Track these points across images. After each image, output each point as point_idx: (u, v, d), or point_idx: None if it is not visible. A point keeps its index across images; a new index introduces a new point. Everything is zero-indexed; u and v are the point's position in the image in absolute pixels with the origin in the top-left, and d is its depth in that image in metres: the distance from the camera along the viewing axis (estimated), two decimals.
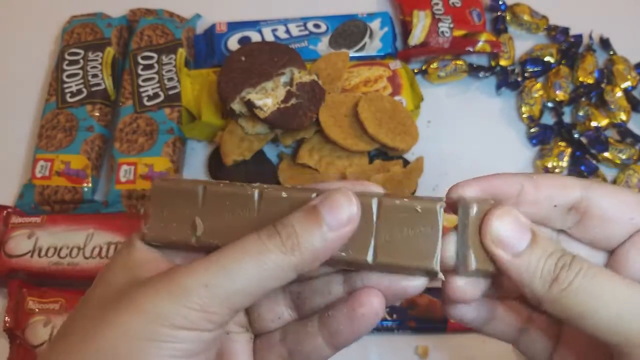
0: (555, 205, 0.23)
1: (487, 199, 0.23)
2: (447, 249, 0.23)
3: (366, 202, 0.23)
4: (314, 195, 0.23)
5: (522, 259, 0.22)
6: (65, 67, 0.59)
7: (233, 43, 0.62)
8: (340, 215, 0.21)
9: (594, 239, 0.24)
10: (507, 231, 0.22)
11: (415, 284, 0.23)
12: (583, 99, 0.61)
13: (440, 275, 0.23)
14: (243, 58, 0.53)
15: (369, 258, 0.23)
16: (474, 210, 0.23)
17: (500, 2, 0.67)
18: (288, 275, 0.21)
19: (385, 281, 0.24)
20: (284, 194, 0.23)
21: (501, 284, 0.25)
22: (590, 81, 0.62)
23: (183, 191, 0.24)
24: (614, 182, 0.57)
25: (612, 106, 0.60)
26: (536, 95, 0.61)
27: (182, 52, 0.60)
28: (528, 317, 0.26)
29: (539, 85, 0.62)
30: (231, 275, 0.21)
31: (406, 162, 0.55)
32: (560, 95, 0.61)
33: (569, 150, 0.58)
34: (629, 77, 0.62)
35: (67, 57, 0.60)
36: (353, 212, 0.22)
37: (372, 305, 0.24)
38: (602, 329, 0.21)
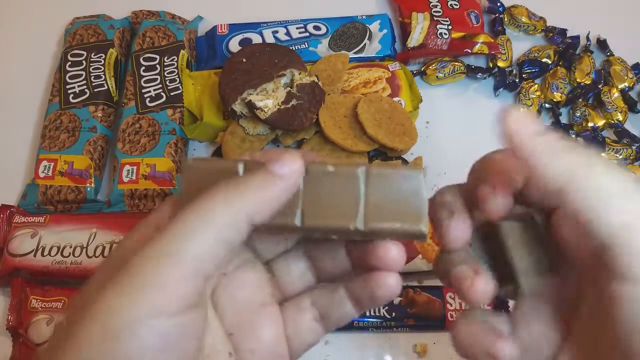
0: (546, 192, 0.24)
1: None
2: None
3: (352, 170, 0.24)
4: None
5: (542, 139, 0.21)
6: (68, 68, 0.60)
7: (234, 45, 0.63)
8: (283, 166, 0.22)
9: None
10: (522, 114, 0.22)
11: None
12: (580, 100, 0.62)
13: (426, 239, 0.24)
14: (244, 59, 0.54)
15: (359, 225, 0.23)
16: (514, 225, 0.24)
17: (498, 4, 0.68)
18: (244, 224, 0.21)
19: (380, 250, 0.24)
20: (330, 168, 0.24)
21: None
22: (588, 82, 0.62)
23: (222, 170, 0.24)
24: None
25: (609, 107, 0.61)
26: (534, 96, 0.62)
27: (184, 53, 0.61)
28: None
29: (536, 87, 0.62)
30: (185, 238, 0.20)
31: (405, 162, 0.56)
32: (557, 96, 0.62)
33: None
34: (625, 78, 0.63)
35: (70, 58, 0.61)
36: (297, 166, 0.23)
37: (389, 287, 0.25)
38: (608, 228, 0.20)
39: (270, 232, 0.26)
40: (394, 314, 0.49)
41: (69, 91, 0.59)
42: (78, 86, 0.59)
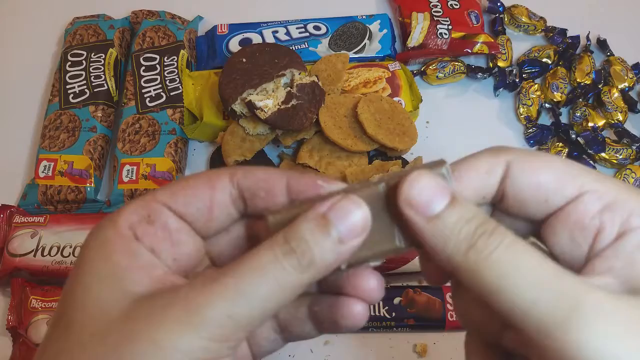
0: (484, 197, 0.23)
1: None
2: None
3: (374, 191, 0.22)
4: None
5: (436, 222, 0.20)
6: (68, 68, 0.60)
7: (234, 45, 0.63)
8: (352, 223, 0.20)
9: (518, 215, 0.23)
10: (420, 192, 0.20)
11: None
12: (580, 100, 0.62)
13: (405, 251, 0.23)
14: (244, 59, 0.54)
15: (342, 264, 0.22)
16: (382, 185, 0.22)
17: (498, 4, 0.68)
18: (301, 290, 0.21)
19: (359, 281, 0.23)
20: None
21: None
22: (588, 82, 0.62)
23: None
24: None
25: (609, 107, 0.61)
26: (534, 96, 0.62)
27: (183, 53, 0.61)
28: None
29: (536, 86, 0.62)
30: (253, 301, 0.19)
31: (405, 162, 0.56)
32: (557, 96, 0.62)
33: (566, 150, 0.59)
34: (625, 78, 0.63)
35: (70, 58, 0.61)
36: (366, 218, 0.21)
37: (355, 317, 0.23)
38: (516, 311, 0.19)
39: None
40: (394, 314, 0.49)
41: (69, 91, 0.59)
42: (78, 86, 0.59)
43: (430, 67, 0.63)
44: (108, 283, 0.21)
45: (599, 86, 0.63)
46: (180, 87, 0.59)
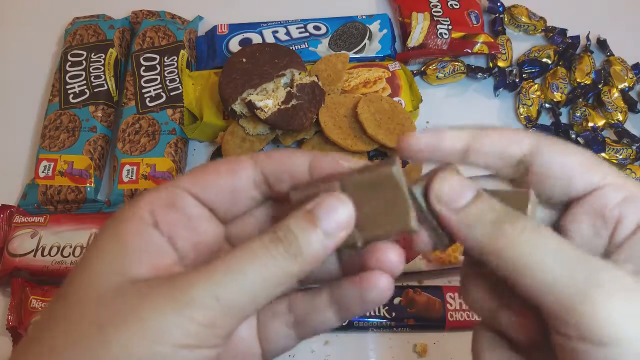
0: (501, 158, 0.24)
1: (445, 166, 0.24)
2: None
3: (387, 171, 0.23)
4: None
5: (463, 213, 0.22)
6: (68, 68, 0.60)
7: (234, 45, 0.63)
8: (336, 219, 0.21)
9: (540, 194, 0.24)
10: (448, 188, 0.22)
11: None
12: (580, 100, 0.62)
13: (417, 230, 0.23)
14: (244, 59, 0.54)
15: (358, 241, 0.23)
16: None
17: (498, 4, 0.68)
18: (292, 281, 0.21)
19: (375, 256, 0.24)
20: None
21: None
22: (588, 82, 0.62)
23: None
24: None
25: (609, 107, 0.61)
26: (534, 96, 0.62)
27: (183, 53, 0.61)
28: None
29: (536, 86, 0.62)
30: (240, 285, 0.20)
31: (405, 162, 0.56)
32: (557, 96, 0.62)
33: None
34: (625, 78, 0.63)
35: (70, 58, 0.61)
36: (350, 214, 0.22)
37: (381, 289, 0.23)
38: (540, 287, 0.20)
39: None
40: (394, 314, 0.49)
41: (69, 91, 0.59)
42: (78, 86, 0.59)
43: (430, 67, 0.63)
44: (111, 261, 0.21)
45: (599, 86, 0.63)
46: (180, 87, 0.59)
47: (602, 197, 0.22)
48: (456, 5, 0.65)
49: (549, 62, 0.64)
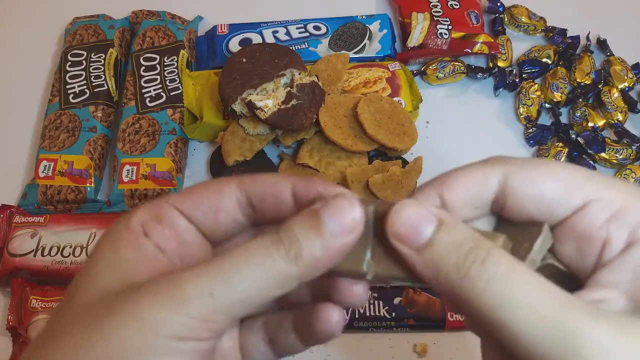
0: (476, 207, 0.22)
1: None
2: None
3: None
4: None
5: (425, 253, 0.20)
6: (68, 68, 0.60)
7: (234, 45, 0.63)
8: (343, 222, 0.20)
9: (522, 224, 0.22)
10: (405, 223, 0.20)
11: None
12: (580, 100, 0.62)
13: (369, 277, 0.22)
14: (244, 59, 0.54)
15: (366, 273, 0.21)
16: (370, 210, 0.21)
17: (498, 4, 0.68)
18: (290, 284, 0.20)
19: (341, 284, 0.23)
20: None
21: None
22: (588, 82, 0.62)
23: None
24: None
25: (609, 107, 0.61)
26: (534, 96, 0.62)
27: (183, 53, 0.61)
28: None
29: (536, 86, 0.62)
30: (236, 284, 0.20)
31: (405, 162, 0.56)
32: (557, 96, 0.62)
33: (566, 150, 0.59)
34: (625, 78, 0.63)
35: (70, 58, 0.61)
36: (356, 218, 0.20)
37: (329, 323, 0.23)
38: (515, 345, 0.18)
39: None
40: (394, 314, 0.49)
41: (69, 91, 0.59)
42: (78, 86, 0.59)
43: (430, 67, 0.63)
44: (111, 271, 0.22)
45: (599, 86, 0.63)
46: (180, 87, 0.59)
47: (586, 218, 0.21)
48: (456, 5, 0.65)
49: (549, 62, 0.64)
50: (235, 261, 0.20)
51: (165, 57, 0.60)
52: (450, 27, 0.64)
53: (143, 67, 0.60)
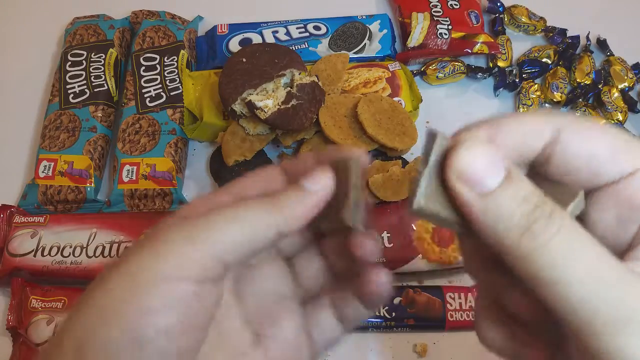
0: (520, 155, 0.21)
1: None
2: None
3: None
4: None
5: (489, 200, 0.18)
6: (68, 68, 0.60)
7: (234, 44, 0.63)
8: (317, 182, 0.24)
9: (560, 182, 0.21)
10: (474, 164, 0.19)
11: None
12: (580, 100, 0.62)
13: (357, 228, 0.24)
14: (244, 59, 0.54)
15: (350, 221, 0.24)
16: (439, 141, 0.19)
17: (498, 4, 0.68)
18: (271, 232, 0.23)
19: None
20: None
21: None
22: (588, 82, 0.62)
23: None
24: None
25: (609, 107, 0.61)
26: (534, 96, 0.62)
27: (184, 53, 0.61)
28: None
29: (536, 86, 0.62)
30: (216, 228, 0.22)
31: (405, 162, 0.56)
32: (557, 96, 0.62)
33: None
34: (625, 78, 0.63)
35: (70, 58, 0.61)
36: (328, 181, 0.24)
37: (379, 282, 0.25)
38: (565, 305, 0.17)
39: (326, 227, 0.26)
40: (394, 314, 0.49)
41: (69, 91, 0.59)
42: (78, 86, 0.59)
43: (430, 67, 0.63)
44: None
45: (599, 86, 0.63)
46: (180, 87, 0.59)
47: (632, 186, 0.20)
48: (456, 5, 0.65)
49: (549, 62, 0.64)
50: (222, 211, 0.23)
51: (165, 57, 0.60)
52: (450, 27, 0.64)
53: (143, 67, 0.60)
